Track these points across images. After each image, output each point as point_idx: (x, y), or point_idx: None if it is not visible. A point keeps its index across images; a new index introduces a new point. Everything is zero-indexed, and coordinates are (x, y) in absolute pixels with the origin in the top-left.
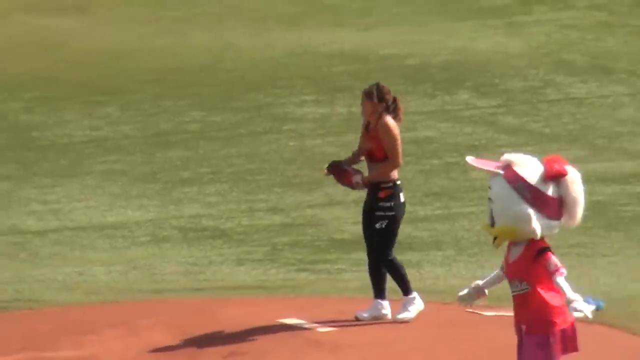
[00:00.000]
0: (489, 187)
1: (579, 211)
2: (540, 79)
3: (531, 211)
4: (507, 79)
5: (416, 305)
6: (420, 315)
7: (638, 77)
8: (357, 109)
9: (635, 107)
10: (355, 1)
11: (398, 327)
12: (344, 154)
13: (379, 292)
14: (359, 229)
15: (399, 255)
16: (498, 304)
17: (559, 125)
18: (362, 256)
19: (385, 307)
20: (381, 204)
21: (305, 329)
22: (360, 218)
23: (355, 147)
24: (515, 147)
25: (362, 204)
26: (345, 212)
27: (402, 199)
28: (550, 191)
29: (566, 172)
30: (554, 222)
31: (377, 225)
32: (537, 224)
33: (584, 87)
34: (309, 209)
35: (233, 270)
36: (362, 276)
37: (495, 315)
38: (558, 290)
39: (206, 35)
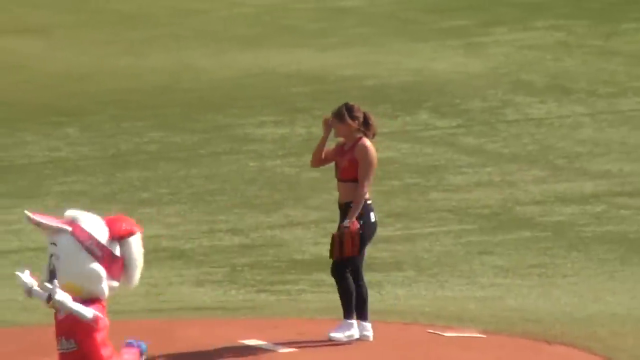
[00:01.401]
0: (52, 244)
1: (138, 273)
2: (499, 99)
3: (102, 271)
4: (466, 99)
5: (351, 332)
6: (381, 335)
7: (597, 97)
8: (316, 129)
9: (595, 128)
10: (314, 22)
11: (358, 347)
12: (304, 175)
13: (360, 314)
14: (319, 249)
15: None
16: (459, 325)
17: (519, 146)
18: (323, 277)
19: (367, 329)
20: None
21: (266, 350)
22: (320, 239)
23: (312, 170)
24: (475, 167)
25: (322, 225)
26: (306, 232)
27: (372, 219)
28: (117, 251)
29: (136, 231)
30: (115, 283)
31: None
32: (106, 284)
33: (544, 107)
34: (269, 230)
35: (193, 291)
36: (323, 297)
37: (456, 337)
38: (106, 343)
39: (165, 56)
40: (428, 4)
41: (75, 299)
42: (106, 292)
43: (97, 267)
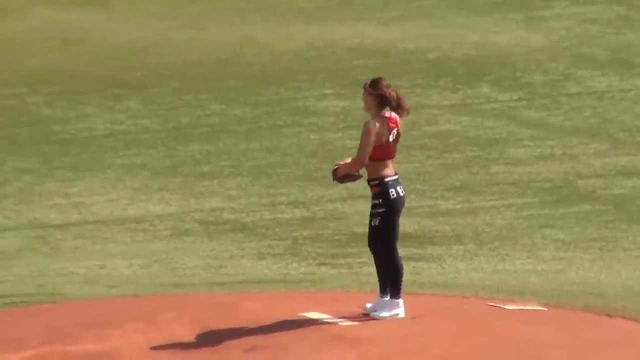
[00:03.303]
0: None
1: None
2: (560, 73)
3: None
4: (527, 73)
5: (396, 311)
6: (441, 309)
7: None
8: None
9: None
10: None
11: (419, 321)
12: None
13: (384, 289)
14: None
15: (420, 249)
16: (520, 298)
17: (580, 119)
18: None
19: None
20: (373, 201)
21: (327, 323)
22: None
23: None
24: (536, 141)
25: None
26: (367, 206)
27: (392, 195)
28: None
29: None
30: None
31: (372, 223)
32: None
33: (605, 81)
34: (330, 203)
35: (254, 264)
36: None
37: (517, 309)
38: None
39: (226, 30)
40: None
41: None
42: None
43: None
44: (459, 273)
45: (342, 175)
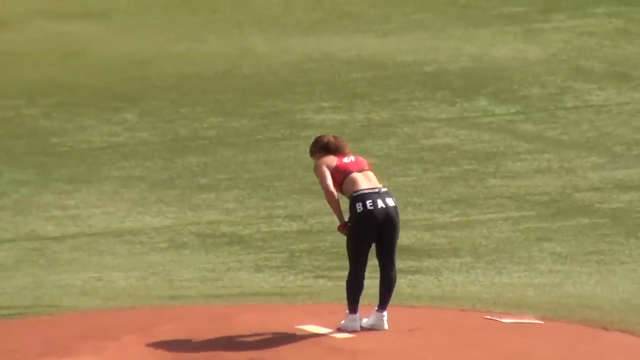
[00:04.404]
0: None
1: None
2: (558, 86)
3: None
4: (525, 86)
5: (344, 323)
6: (438, 321)
7: None
8: (375, 115)
9: None
10: (373, 8)
11: (416, 334)
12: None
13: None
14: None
15: (417, 262)
16: (517, 311)
17: (577, 133)
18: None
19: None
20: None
21: (323, 335)
22: None
23: (371, 155)
24: (534, 154)
25: None
26: None
27: (358, 209)
28: None
29: None
30: None
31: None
32: None
33: (602, 94)
34: (327, 216)
35: (251, 276)
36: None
37: (514, 322)
38: None
39: (224, 42)
40: None
41: None
42: None
43: None
44: (456, 286)
45: (341, 226)
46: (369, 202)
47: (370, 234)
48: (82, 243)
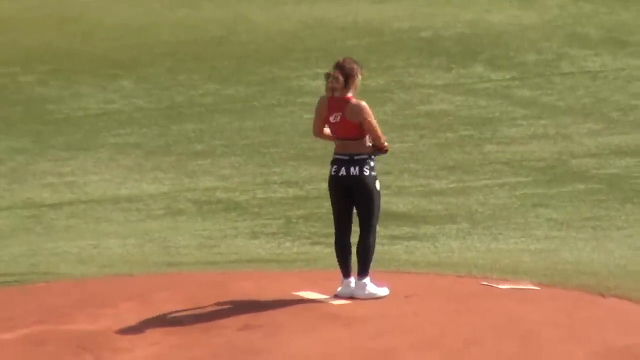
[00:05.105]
0: None
1: None
2: (554, 52)
3: None
4: (521, 52)
5: (344, 291)
6: (435, 288)
7: None
8: (371, 81)
9: None
10: None
11: (412, 300)
12: None
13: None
14: None
15: (414, 228)
16: (514, 277)
17: (573, 99)
18: (378, 229)
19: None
20: None
21: (320, 302)
22: None
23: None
24: (530, 120)
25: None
26: None
27: (332, 172)
28: None
29: None
30: None
31: None
32: None
33: (598, 60)
34: (324, 182)
35: (247, 243)
36: (377, 249)
37: (510, 288)
38: None
39: (220, 8)
40: None
41: None
42: None
43: None
44: (453, 252)
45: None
46: (334, 168)
47: (336, 200)
48: (79, 210)
